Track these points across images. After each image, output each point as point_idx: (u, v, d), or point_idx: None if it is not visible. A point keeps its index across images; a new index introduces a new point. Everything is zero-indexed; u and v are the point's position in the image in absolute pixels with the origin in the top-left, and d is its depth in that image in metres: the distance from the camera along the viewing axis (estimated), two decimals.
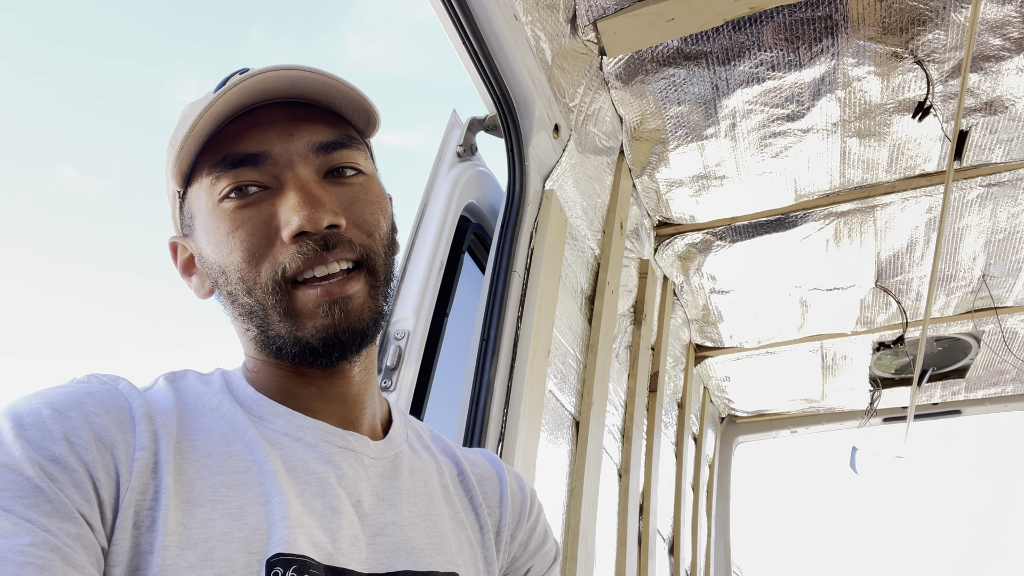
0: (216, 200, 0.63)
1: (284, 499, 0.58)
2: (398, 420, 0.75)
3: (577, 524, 1.65)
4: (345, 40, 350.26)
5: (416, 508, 0.69)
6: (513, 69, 1.45)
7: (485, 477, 0.80)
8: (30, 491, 0.48)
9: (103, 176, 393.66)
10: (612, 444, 2.06)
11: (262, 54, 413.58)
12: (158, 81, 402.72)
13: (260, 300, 0.63)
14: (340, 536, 0.60)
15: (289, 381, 0.67)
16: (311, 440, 0.64)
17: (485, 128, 1.57)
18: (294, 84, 0.64)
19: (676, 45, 1.76)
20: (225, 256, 0.63)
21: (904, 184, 2.16)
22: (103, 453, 0.53)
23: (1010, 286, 2.56)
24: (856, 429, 3.43)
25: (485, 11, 1.34)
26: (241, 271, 0.62)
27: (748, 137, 2.01)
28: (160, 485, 0.54)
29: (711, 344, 3.04)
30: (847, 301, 2.67)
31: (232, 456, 0.60)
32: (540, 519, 0.83)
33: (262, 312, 0.63)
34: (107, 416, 0.56)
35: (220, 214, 0.63)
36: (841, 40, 1.73)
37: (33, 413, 0.53)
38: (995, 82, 1.82)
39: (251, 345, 0.68)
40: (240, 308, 0.65)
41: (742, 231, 2.39)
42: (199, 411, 0.63)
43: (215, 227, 0.63)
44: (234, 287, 0.64)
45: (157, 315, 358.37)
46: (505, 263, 1.48)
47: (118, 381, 0.61)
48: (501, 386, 1.40)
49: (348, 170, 0.66)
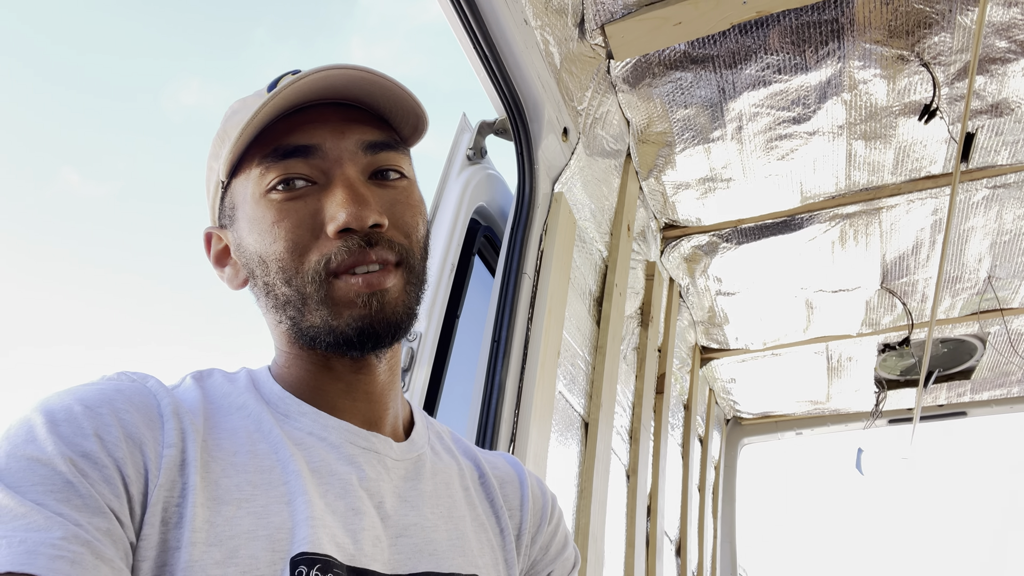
0: (263, 190, 0.65)
1: (308, 499, 0.58)
2: (420, 422, 0.76)
3: (587, 525, 1.66)
4: (348, 43, 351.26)
5: (438, 510, 0.69)
6: (523, 73, 1.47)
7: (506, 480, 0.80)
8: (62, 486, 0.50)
9: (106, 180, 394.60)
10: (620, 445, 2.07)
11: (265, 57, 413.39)
12: (160, 84, 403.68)
13: (299, 289, 0.63)
14: (362, 537, 0.61)
15: (317, 376, 0.68)
16: (335, 440, 0.65)
17: (495, 131, 1.58)
18: (351, 83, 0.65)
19: (683, 49, 1.78)
20: (268, 245, 0.64)
21: (910, 186, 2.16)
22: (132, 450, 0.54)
23: (1016, 288, 2.56)
24: (862, 431, 3.43)
25: (496, 16, 1.35)
26: (282, 260, 0.64)
27: (754, 140, 2.03)
28: (187, 482, 0.55)
29: (717, 346, 3.04)
30: (852, 303, 2.68)
31: (257, 455, 0.61)
32: (561, 524, 0.84)
33: (299, 301, 0.64)
34: (136, 413, 0.57)
35: (266, 204, 0.64)
36: (847, 43, 1.74)
37: (65, 409, 0.54)
38: (1001, 84, 1.83)
39: (282, 338, 0.69)
40: (275, 299, 0.66)
41: (748, 233, 2.40)
42: (225, 410, 0.64)
43: (260, 216, 0.65)
44: (273, 277, 0.65)
45: (162, 316, 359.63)
46: (515, 265, 1.49)
47: (147, 379, 0.62)
48: (512, 387, 1.41)
49: (392, 172, 0.68)
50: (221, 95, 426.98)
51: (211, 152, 0.72)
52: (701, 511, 2.96)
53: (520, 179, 1.56)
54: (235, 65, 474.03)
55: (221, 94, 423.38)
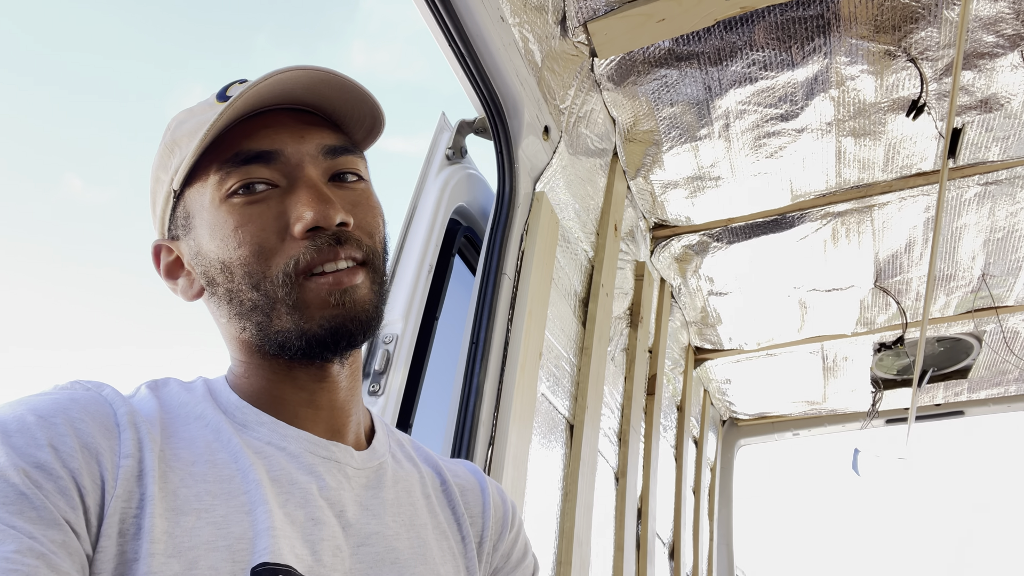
0: (223, 196, 0.64)
1: (268, 508, 0.58)
2: (381, 430, 0.76)
3: (571, 528, 1.64)
4: (349, 48, 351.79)
5: (400, 518, 0.69)
6: (501, 71, 1.45)
7: (467, 488, 0.80)
8: (15, 497, 0.49)
9: (109, 185, 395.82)
10: (608, 447, 2.04)
11: (267, 62, 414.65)
12: (163, 90, 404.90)
13: (268, 293, 0.63)
14: (321, 548, 0.60)
15: (278, 386, 0.67)
16: (295, 450, 0.64)
17: (474, 131, 1.56)
18: (309, 86, 0.66)
19: (668, 46, 1.76)
20: (231, 251, 0.63)
21: (901, 183, 2.14)
22: (88, 460, 0.53)
23: (1010, 285, 2.54)
24: (859, 431, 3.40)
25: (471, 13, 1.33)
26: (248, 265, 0.63)
27: (742, 138, 2.00)
28: (145, 493, 0.54)
29: (710, 346, 3.02)
30: (846, 302, 2.66)
31: (216, 464, 0.60)
32: (521, 532, 0.84)
33: (267, 306, 0.63)
34: (92, 423, 0.56)
35: (227, 209, 0.64)
36: (833, 39, 1.72)
37: (17, 419, 0.53)
38: (990, 79, 1.81)
39: (242, 348, 0.68)
40: (240, 305, 0.64)
41: (739, 232, 2.38)
42: (182, 419, 0.63)
43: (221, 222, 0.64)
44: (238, 282, 0.64)
45: (155, 318, 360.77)
46: (495, 266, 1.47)
47: (102, 388, 0.61)
48: (491, 390, 1.39)
49: (350, 175, 0.68)
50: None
51: (158, 164, 0.70)
52: (696, 513, 2.93)
53: (500, 179, 1.54)
54: (238, 71, 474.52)
55: None
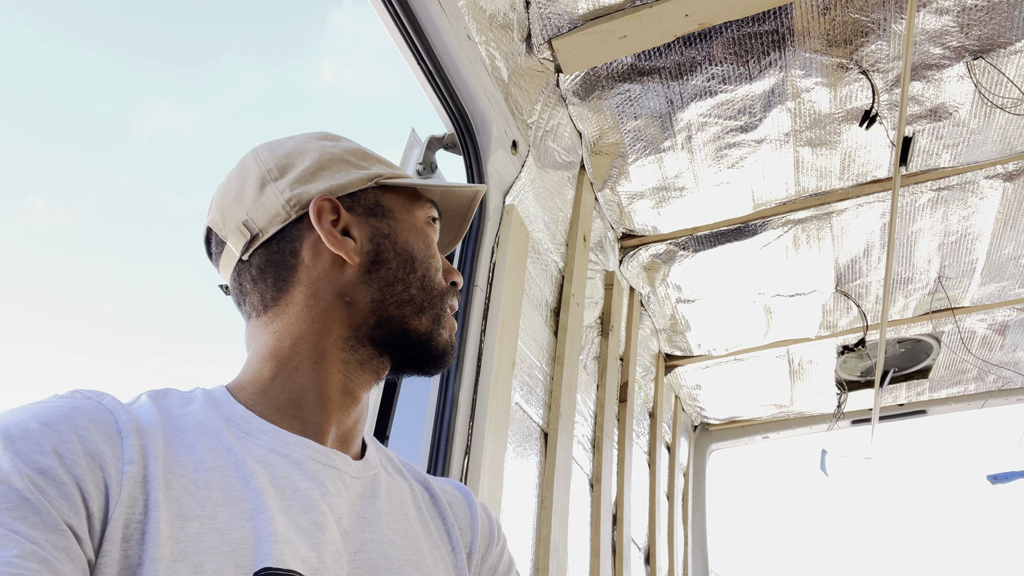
0: (426, 219, 0.81)
1: (270, 515, 0.59)
2: (372, 444, 0.79)
3: (548, 535, 1.66)
4: (318, 64, 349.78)
5: (394, 526, 0.71)
6: (468, 88, 1.48)
7: (455, 502, 0.83)
8: (19, 503, 0.49)
9: (73, 207, 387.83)
10: (582, 455, 2.08)
11: (234, 79, 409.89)
12: (129, 109, 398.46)
13: (429, 296, 0.76)
14: (325, 551, 0.62)
15: (319, 388, 0.72)
16: (297, 457, 0.66)
17: (444, 146, 1.59)
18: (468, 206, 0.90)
19: (630, 61, 1.81)
20: (424, 255, 0.77)
21: (857, 190, 2.22)
22: (92, 466, 0.54)
23: (965, 287, 2.63)
24: (826, 432, 3.48)
25: (438, 32, 1.37)
26: (430, 270, 0.77)
27: (704, 149, 2.06)
28: (150, 499, 0.55)
29: (680, 353, 3.08)
30: (809, 306, 2.73)
31: (217, 471, 0.61)
32: (506, 548, 0.87)
33: (421, 304, 0.75)
34: (95, 430, 0.56)
35: (429, 230, 0.80)
36: (788, 53, 1.78)
37: (21, 426, 0.54)
38: (938, 89, 1.89)
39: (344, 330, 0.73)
40: (398, 292, 0.74)
41: (704, 241, 2.44)
42: (183, 427, 0.64)
43: (424, 232, 0.79)
44: (416, 276, 0.76)
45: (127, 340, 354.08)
46: (467, 278, 1.50)
47: (103, 396, 0.62)
48: (466, 400, 1.41)
49: None
50: (191, 118, 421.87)
51: (345, 149, 0.80)
52: (671, 518, 2.97)
53: None
54: (205, 87, 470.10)
55: (191, 117, 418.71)
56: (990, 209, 2.28)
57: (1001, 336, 2.88)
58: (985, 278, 2.58)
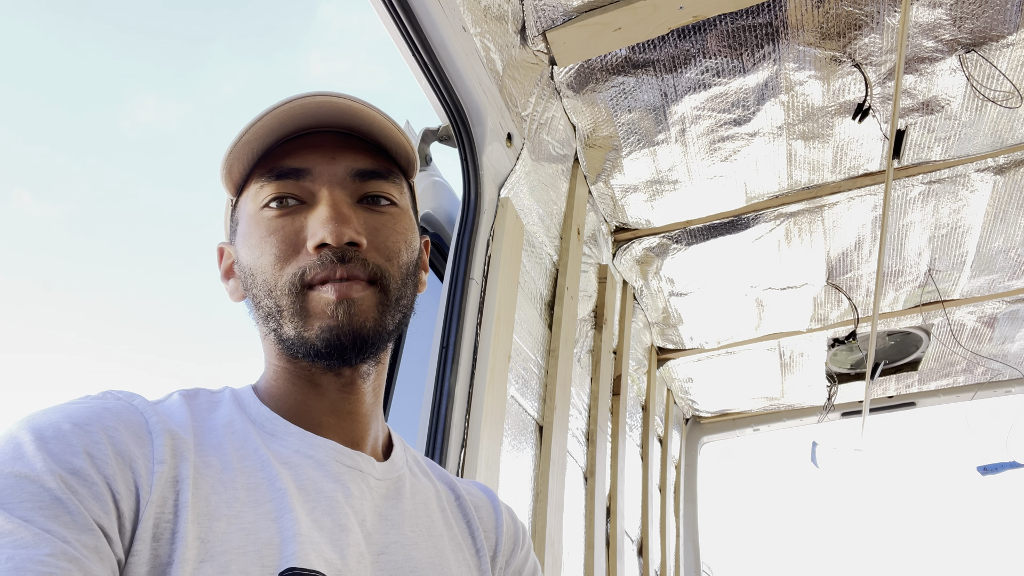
0: (258, 207, 0.69)
1: (295, 516, 0.60)
2: (399, 444, 0.78)
3: (544, 528, 1.66)
4: (308, 57, 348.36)
5: (418, 529, 0.71)
6: (464, 80, 1.48)
7: (480, 504, 0.83)
8: (50, 502, 0.50)
9: (59, 201, 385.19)
10: (577, 448, 2.08)
11: (223, 73, 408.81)
12: (117, 101, 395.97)
13: (277, 301, 0.66)
14: (348, 553, 0.62)
15: (304, 392, 0.70)
16: (322, 458, 0.66)
17: (439, 138, 1.59)
18: (343, 114, 0.69)
19: (624, 54, 1.81)
20: (256, 259, 0.68)
21: (849, 184, 2.23)
22: (123, 467, 0.55)
23: (955, 279, 2.65)
24: (816, 424, 3.50)
25: (434, 24, 1.36)
26: (266, 274, 0.67)
27: (698, 142, 2.06)
28: (180, 499, 0.56)
29: (672, 346, 3.08)
30: (801, 299, 2.74)
31: (244, 472, 0.62)
32: (531, 553, 0.87)
33: (277, 314, 0.67)
34: (126, 431, 0.57)
35: (259, 220, 0.68)
36: (782, 46, 1.78)
37: (54, 427, 0.55)
38: (930, 83, 1.90)
39: (271, 350, 0.71)
40: (261, 310, 0.68)
41: (697, 234, 2.44)
42: (211, 427, 0.65)
43: (252, 231, 0.68)
44: (258, 289, 0.68)
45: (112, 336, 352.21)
46: (463, 271, 1.50)
47: (133, 397, 0.62)
48: (462, 393, 1.41)
49: (382, 199, 0.71)
50: (178, 112, 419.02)
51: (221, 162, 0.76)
52: (663, 511, 2.99)
53: (465, 185, 1.56)
54: (193, 81, 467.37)
55: (178, 111, 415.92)
56: (980, 202, 2.29)
57: (990, 328, 2.91)
58: (975, 271, 2.60)
